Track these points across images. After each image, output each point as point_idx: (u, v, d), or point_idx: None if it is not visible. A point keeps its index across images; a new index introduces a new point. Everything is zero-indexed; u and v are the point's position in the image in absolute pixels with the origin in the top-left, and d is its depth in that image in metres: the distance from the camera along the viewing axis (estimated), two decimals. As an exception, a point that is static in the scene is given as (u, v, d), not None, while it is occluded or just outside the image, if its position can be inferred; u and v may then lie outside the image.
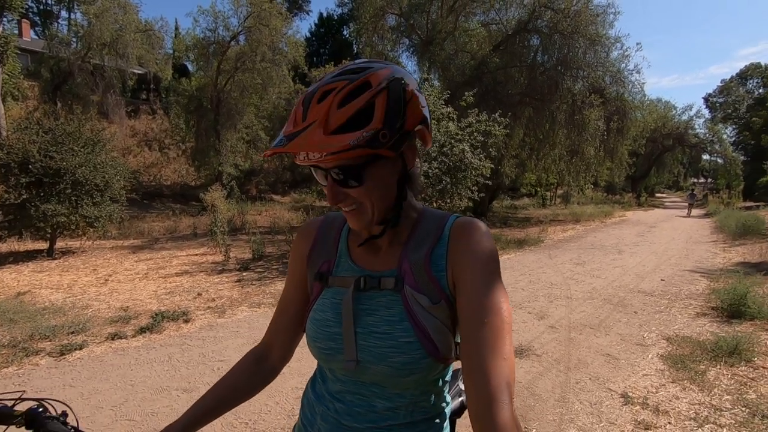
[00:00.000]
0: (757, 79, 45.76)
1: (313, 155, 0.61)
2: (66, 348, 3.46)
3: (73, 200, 7.68)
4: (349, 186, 0.66)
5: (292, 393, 2.86)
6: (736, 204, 25.10)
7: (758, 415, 2.58)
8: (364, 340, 0.69)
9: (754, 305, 4.43)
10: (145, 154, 22.16)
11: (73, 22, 23.44)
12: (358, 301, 0.71)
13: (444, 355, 0.68)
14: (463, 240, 0.70)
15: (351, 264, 0.76)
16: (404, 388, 0.71)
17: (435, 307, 0.68)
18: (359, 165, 0.65)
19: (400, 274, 0.71)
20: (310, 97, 0.64)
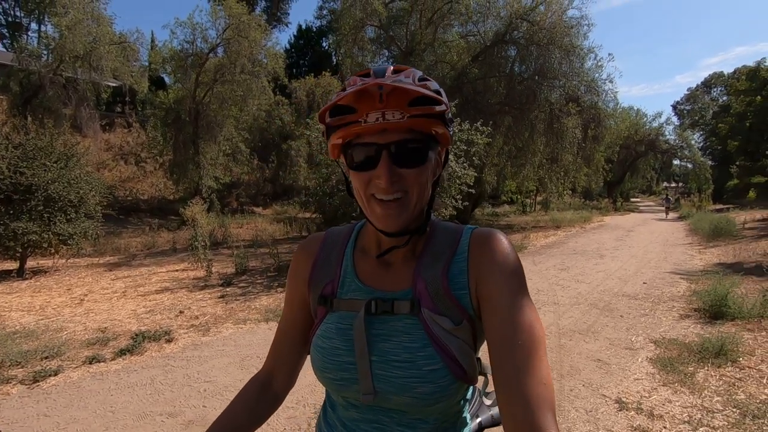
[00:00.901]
0: (721, 88, 48.00)
1: (392, 114, 0.59)
2: (39, 374, 3.27)
3: (46, 217, 7.38)
4: (409, 165, 0.62)
5: (283, 413, 2.75)
6: (706, 207, 26.04)
7: (749, 415, 2.61)
8: (383, 370, 0.64)
9: (735, 305, 4.54)
10: (120, 168, 21.59)
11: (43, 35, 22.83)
12: (370, 326, 0.66)
13: (471, 376, 0.65)
14: (487, 254, 0.65)
15: (358, 284, 0.70)
16: (428, 415, 0.66)
17: (458, 329, 0.63)
18: (423, 143, 0.63)
19: (415, 295, 0.65)
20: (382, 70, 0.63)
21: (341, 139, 0.63)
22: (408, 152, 0.62)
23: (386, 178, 0.61)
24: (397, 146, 0.61)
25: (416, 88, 0.58)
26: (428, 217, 0.69)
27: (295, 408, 2.83)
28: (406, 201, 0.63)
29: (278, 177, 23.51)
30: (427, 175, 0.64)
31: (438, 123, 0.62)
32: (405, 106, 0.59)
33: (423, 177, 0.64)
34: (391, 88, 0.58)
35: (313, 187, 9.35)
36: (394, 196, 0.62)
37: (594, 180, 22.50)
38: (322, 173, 8.59)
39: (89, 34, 17.04)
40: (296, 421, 2.66)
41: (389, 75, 0.62)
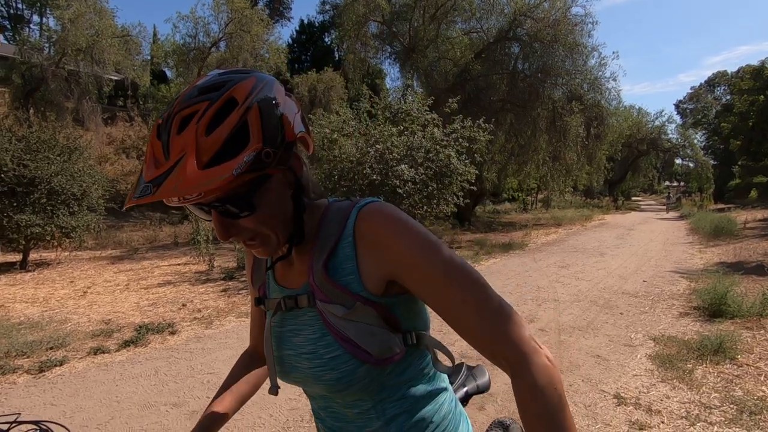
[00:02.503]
0: (724, 87, 47.80)
1: (189, 196, 0.52)
2: (45, 364, 3.31)
3: (49, 210, 7.42)
4: (241, 217, 0.58)
5: (285, 404, 2.80)
6: (708, 206, 26.03)
7: (746, 411, 2.64)
8: (297, 362, 0.67)
9: (734, 304, 4.56)
10: (122, 161, 21.61)
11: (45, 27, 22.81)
12: (286, 323, 0.70)
13: (381, 356, 0.62)
14: (378, 231, 0.62)
15: (275, 285, 0.73)
16: (357, 398, 0.67)
17: (352, 313, 0.62)
18: (247, 191, 0.57)
19: (310, 288, 0.65)
20: (168, 128, 0.54)
21: None
22: (237, 206, 0.57)
23: (219, 231, 0.59)
24: (223, 201, 0.56)
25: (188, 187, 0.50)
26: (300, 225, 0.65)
27: (298, 400, 2.86)
28: (265, 239, 0.62)
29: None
30: (273, 211, 0.60)
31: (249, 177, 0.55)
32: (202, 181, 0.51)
33: (269, 216, 0.60)
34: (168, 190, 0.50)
35: (315, 182, 9.36)
36: (249, 241, 0.62)
37: (595, 178, 22.51)
38: (324, 169, 8.60)
39: (91, 27, 17.02)
40: (299, 413, 2.70)
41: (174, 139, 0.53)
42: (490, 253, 9.49)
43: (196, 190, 0.51)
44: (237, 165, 0.52)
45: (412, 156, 7.45)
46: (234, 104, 0.54)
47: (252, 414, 2.68)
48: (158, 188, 0.51)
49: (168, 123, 0.55)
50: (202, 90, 0.56)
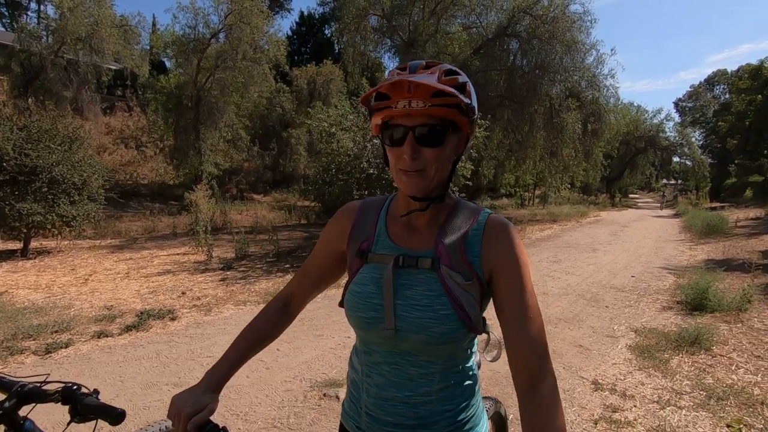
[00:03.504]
0: (724, 85, 47.81)
1: (417, 103, 0.72)
2: (51, 346, 3.46)
3: (50, 199, 7.52)
4: (430, 145, 0.76)
5: (281, 386, 2.95)
6: (703, 204, 26.23)
7: (714, 397, 2.81)
8: (405, 311, 0.78)
9: (715, 299, 4.74)
10: (121, 151, 21.64)
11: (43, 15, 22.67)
12: (398, 276, 0.81)
13: (475, 326, 0.79)
14: (501, 238, 0.81)
15: (390, 242, 0.85)
16: (437, 356, 0.80)
17: (468, 285, 0.78)
18: (444, 128, 0.76)
19: (436, 255, 0.80)
20: (416, 66, 0.77)
21: (380, 119, 0.78)
22: (428, 134, 0.75)
23: (409, 154, 0.75)
24: (420, 129, 0.75)
25: (437, 85, 0.71)
26: (446, 188, 0.84)
27: (293, 382, 3.02)
28: (425, 174, 0.77)
29: (278, 165, 23.58)
30: (444, 155, 0.78)
31: (455, 112, 0.75)
32: (428, 97, 0.72)
33: (441, 155, 0.77)
34: (417, 83, 0.71)
35: (313, 175, 9.50)
36: (415, 169, 0.76)
37: (593, 175, 22.66)
38: (323, 162, 8.72)
39: (90, 16, 16.98)
40: (294, 394, 2.85)
41: (420, 70, 0.77)
42: (484, 247, 9.64)
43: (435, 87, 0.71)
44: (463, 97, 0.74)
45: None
46: (459, 73, 0.79)
47: (249, 394, 2.83)
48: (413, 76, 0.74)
49: (416, 65, 0.78)
50: (429, 63, 0.79)
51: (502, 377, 3.11)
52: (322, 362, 3.36)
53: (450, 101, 0.74)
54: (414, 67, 0.77)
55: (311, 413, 2.61)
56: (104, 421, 0.91)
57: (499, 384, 3.00)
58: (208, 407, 0.83)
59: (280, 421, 2.54)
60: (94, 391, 0.98)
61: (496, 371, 3.22)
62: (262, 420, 2.55)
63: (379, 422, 0.83)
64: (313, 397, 2.79)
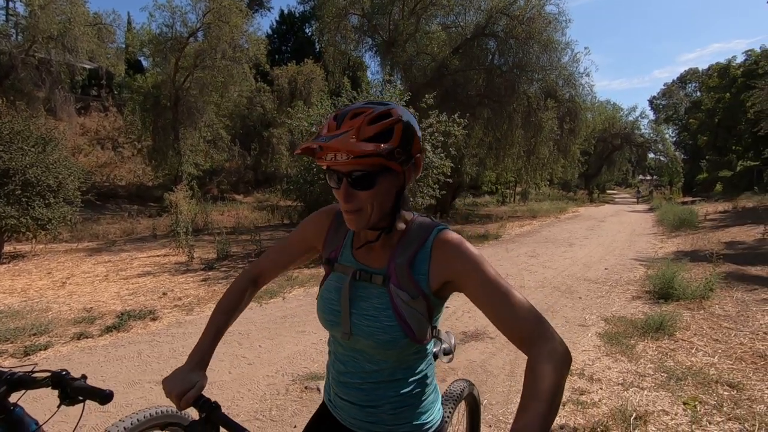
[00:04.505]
0: (695, 83, 49.38)
1: (341, 156, 0.78)
2: (30, 349, 3.44)
3: (24, 202, 7.36)
4: (361, 189, 0.83)
5: (263, 381, 3.02)
6: (676, 199, 27.13)
7: (674, 378, 3.00)
8: (358, 320, 0.90)
9: (680, 288, 4.98)
10: (97, 153, 21.13)
11: (12, 12, 21.95)
12: (355, 288, 0.92)
13: (419, 337, 0.88)
14: (449, 251, 0.87)
15: (351, 257, 0.96)
16: (387, 357, 0.92)
17: (413, 301, 0.87)
18: (373, 173, 0.82)
19: (387, 273, 0.90)
20: (344, 115, 0.83)
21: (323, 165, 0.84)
22: (360, 179, 0.82)
23: (343, 197, 0.84)
24: (353, 174, 0.82)
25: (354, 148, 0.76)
26: (394, 217, 0.89)
27: (275, 376, 3.09)
28: (362, 213, 0.85)
29: (260, 165, 23.41)
30: (380, 194, 0.84)
31: (381, 160, 0.80)
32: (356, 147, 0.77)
33: (375, 196, 0.83)
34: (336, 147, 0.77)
35: (295, 175, 9.52)
36: (351, 210, 0.84)
37: (570, 172, 23.19)
38: (304, 161, 8.74)
39: (62, 14, 16.52)
40: (275, 387, 2.92)
41: (347, 121, 0.81)
42: (465, 243, 9.82)
43: (348, 152, 0.77)
44: (381, 147, 0.78)
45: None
46: (389, 116, 0.83)
47: (231, 389, 2.89)
48: (329, 141, 0.78)
49: (346, 112, 0.83)
50: (372, 103, 0.85)
51: (477, 366, 3.24)
52: (304, 357, 3.43)
53: (372, 161, 0.79)
54: (342, 117, 0.83)
55: (293, 405, 2.68)
56: (93, 401, 0.98)
57: (475, 372, 3.13)
58: (198, 384, 0.92)
59: (262, 413, 2.61)
60: (82, 376, 1.05)
61: (472, 360, 3.36)
62: (244, 413, 2.61)
63: (340, 398, 0.99)
64: (295, 390, 2.87)
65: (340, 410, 1.00)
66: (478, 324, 4.20)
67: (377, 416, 0.94)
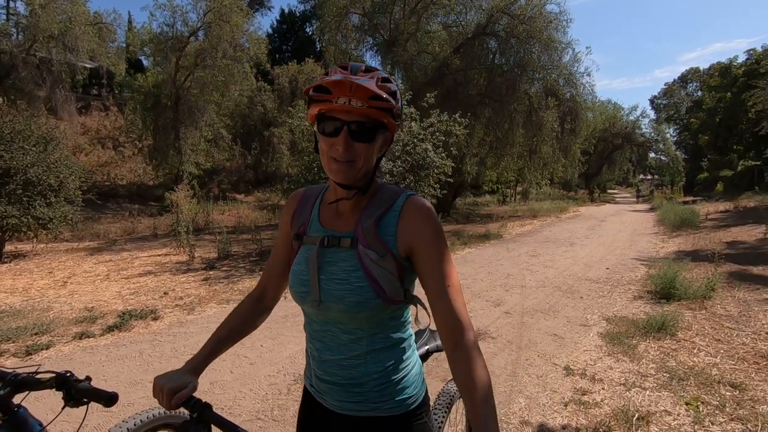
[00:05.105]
0: (696, 83, 49.28)
1: (356, 102, 0.81)
2: (32, 348, 3.44)
3: (25, 201, 7.37)
4: (362, 140, 0.85)
5: (264, 380, 3.02)
6: (677, 198, 27.08)
7: (676, 378, 2.99)
8: (327, 285, 0.89)
9: (682, 288, 4.98)
10: (98, 152, 21.14)
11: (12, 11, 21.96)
12: (324, 255, 0.92)
13: (391, 296, 0.88)
14: (417, 218, 0.90)
15: (319, 226, 0.97)
16: (361, 324, 0.91)
17: (382, 260, 0.88)
18: (374, 127, 0.86)
19: (355, 235, 0.90)
20: (356, 68, 0.87)
21: (318, 110, 0.86)
22: (362, 131, 0.85)
23: (343, 146, 0.85)
24: (354, 124, 0.84)
25: (375, 89, 0.81)
26: (371, 181, 0.93)
27: (276, 376, 3.09)
28: (354, 165, 0.87)
29: (260, 164, 23.41)
30: (373, 150, 0.88)
31: (387, 115, 0.86)
32: (366, 99, 0.81)
33: (369, 150, 0.87)
34: (358, 84, 0.80)
35: (296, 174, 9.49)
36: (347, 159, 0.86)
37: (571, 171, 23.16)
38: (305, 160, 8.73)
39: (63, 13, 16.52)
40: (277, 387, 2.92)
41: (361, 73, 0.85)
42: (466, 243, 9.83)
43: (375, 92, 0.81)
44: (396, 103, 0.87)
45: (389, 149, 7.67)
46: (389, 81, 0.88)
47: (233, 389, 2.89)
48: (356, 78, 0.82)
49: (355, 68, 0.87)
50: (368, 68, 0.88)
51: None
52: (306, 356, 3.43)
53: (384, 105, 0.83)
54: (355, 69, 0.86)
55: (295, 405, 2.68)
56: (98, 402, 0.98)
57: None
58: (190, 384, 0.92)
59: (264, 413, 2.61)
60: (86, 378, 1.05)
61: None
62: (246, 413, 2.61)
63: (323, 381, 0.97)
64: (297, 390, 2.87)
65: (324, 394, 0.98)
66: (479, 323, 4.19)
67: (363, 395, 0.93)
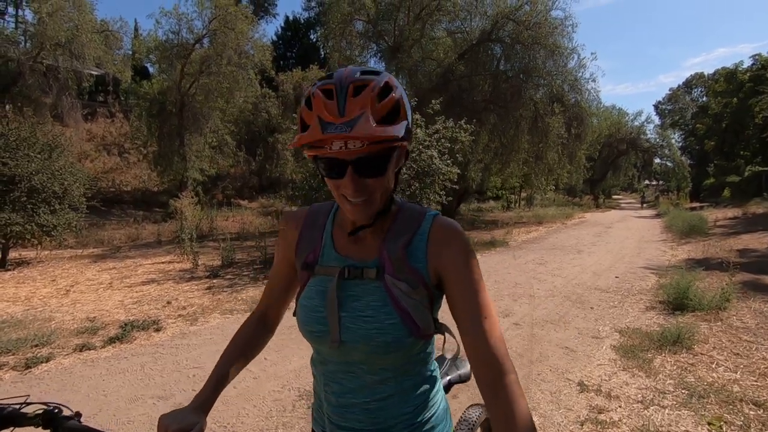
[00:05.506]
0: (701, 88, 49.12)
1: (354, 144, 0.67)
2: (31, 361, 3.37)
3: (29, 208, 7.35)
4: (372, 176, 0.73)
5: (269, 396, 2.93)
6: (683, 205, 26.84)
7: (695, 395, 2.88)
8: (351, 323, 0.77)
9: (695, 298, 4.85)
10: (103, 158, 21.24)
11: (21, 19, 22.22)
12: (344, 288, 0.80)
13: (425, 332, 0.78)
14: (448, 241, 0.79)
15: (335, 254, 0.84)
16: (389, 363, 0.80)
17: (414, 292, 0.77)
18: (384, 156, 0.72)
19: (380, 263, 0.79)
20: (343, 89, 0.69)
21: (311, 155, 0.74)
22: (370, 165, 0.72)
23: (351, 188, 0.73)
24: (359, 161, 0.71)
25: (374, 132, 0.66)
26: (391, 201, 0.81)
27: (281, 392, 3.00)
28: (371, 201, 0.75)
29: (265, 170, 23.43)
30: (387, 177, 0.75)
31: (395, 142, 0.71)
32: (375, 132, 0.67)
33: (384, 180, 0.75)
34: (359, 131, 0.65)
35: (300, 180, 9.44)
36: (361, 199, 0.74)
37: (576, 177, 23.02)
38: (309, 167, 8.68)
39: (70, 21, 16.68)
40: (282, 403, 2.83)
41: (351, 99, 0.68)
42: (471, 250, 9.71)
43: (376, 136, 0.66)
44: (398, 130, 0.69)
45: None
46: (390, 88, 0.72)
47: (236, 405, 2.80)
48: (351, 129, 0.66)
49: (343, 89, 0.69)
50: (364, 72, 0.73)
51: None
52: (310, 371, 3.33)
53: (389, 143, 0.71)
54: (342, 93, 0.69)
55: (300, 423, 2.59)
56: (87, 446, 0.90)
57: (487, 388, 3.02)
58: (197, 426, 0.82)
59: (267, 430, 2.51)
60: (76, 414, 0.96)
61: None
62: (249, 431, 2.52)
63: (341, 428, 0.84)
64: (302, 407, 2.77)
65: None
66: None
67: None
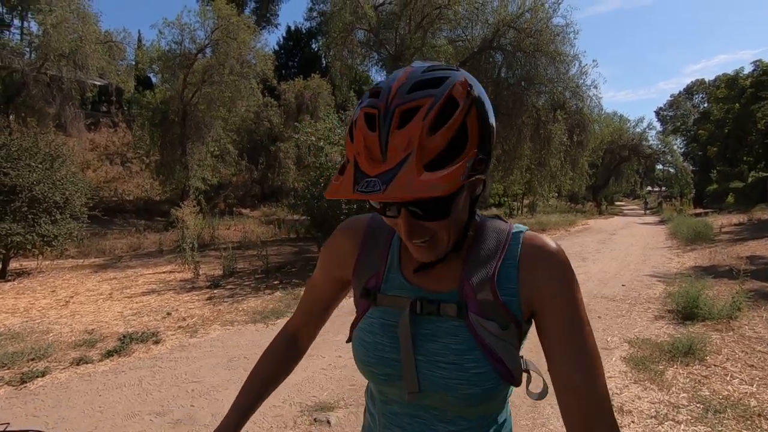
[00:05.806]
0: (702, 95, 49.19)
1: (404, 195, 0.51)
2: (27, 376, 3.29)
3: (30, 218, 7.31)
4: (433, 219, 0.58)
5: (269, 411, 2.84)
6: (687, 211, 26.69)
7: (711, 410, 2.77)
8: (428, 370, 0.63)
9: (705, 307, 4.74)
10: (106, 168, 21.31)
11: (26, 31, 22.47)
12: (416, 325, 0.65)
13: (517, 378, 0.65)
14: (544, 266, 0.64)
15: (403, 280, 0.69)
16: (470, 414, 0.66)
17: (505, 333, 0.63)
18: (447, 197, 0.55)
19: (462, 298, 0.64)
20: (389, 121, 0.52)
21: None
22: (427, 209, 0.57)
23: (406, 232, 0.59)
24: (413, 206, 0.57)
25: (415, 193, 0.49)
26: (467, 232, 0.65)
27: (281, 407, 2.91)
28: (437, 241, 0.61)
29: (266, 179, 23.45)
30: (455, 215, 0.60)
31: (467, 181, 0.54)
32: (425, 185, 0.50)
33: (451, 220, 0.59)
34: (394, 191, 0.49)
35: (302, 189, 9.41)
36: (422, 240, 0.60)
37: (578, 184, 22.97)
38: (311, 176, 8.65)
39: (74, 32, 16.84)
40: (283, 419, 2.74)
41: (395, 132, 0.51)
42: (475, 258, 9.63)
43: (424, 194, 0.49)
44: (461, 173, 0.50)
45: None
46: (455, 104, 0.52)
47: (236, 421, 2.71)
48: (387, 186, 0.49)
49: (388, 116, 0.52)
50: (422, 83, 0.54)
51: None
52: (313, 384, 3.25)
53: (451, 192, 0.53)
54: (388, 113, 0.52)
55: (301, 440, 2.50)
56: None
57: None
58: None
59: (268, 450, 2.43)
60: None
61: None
62: (249, 449, 2.43)
63: None
64: (303, 423, 2.69)
65: None
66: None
67: None
